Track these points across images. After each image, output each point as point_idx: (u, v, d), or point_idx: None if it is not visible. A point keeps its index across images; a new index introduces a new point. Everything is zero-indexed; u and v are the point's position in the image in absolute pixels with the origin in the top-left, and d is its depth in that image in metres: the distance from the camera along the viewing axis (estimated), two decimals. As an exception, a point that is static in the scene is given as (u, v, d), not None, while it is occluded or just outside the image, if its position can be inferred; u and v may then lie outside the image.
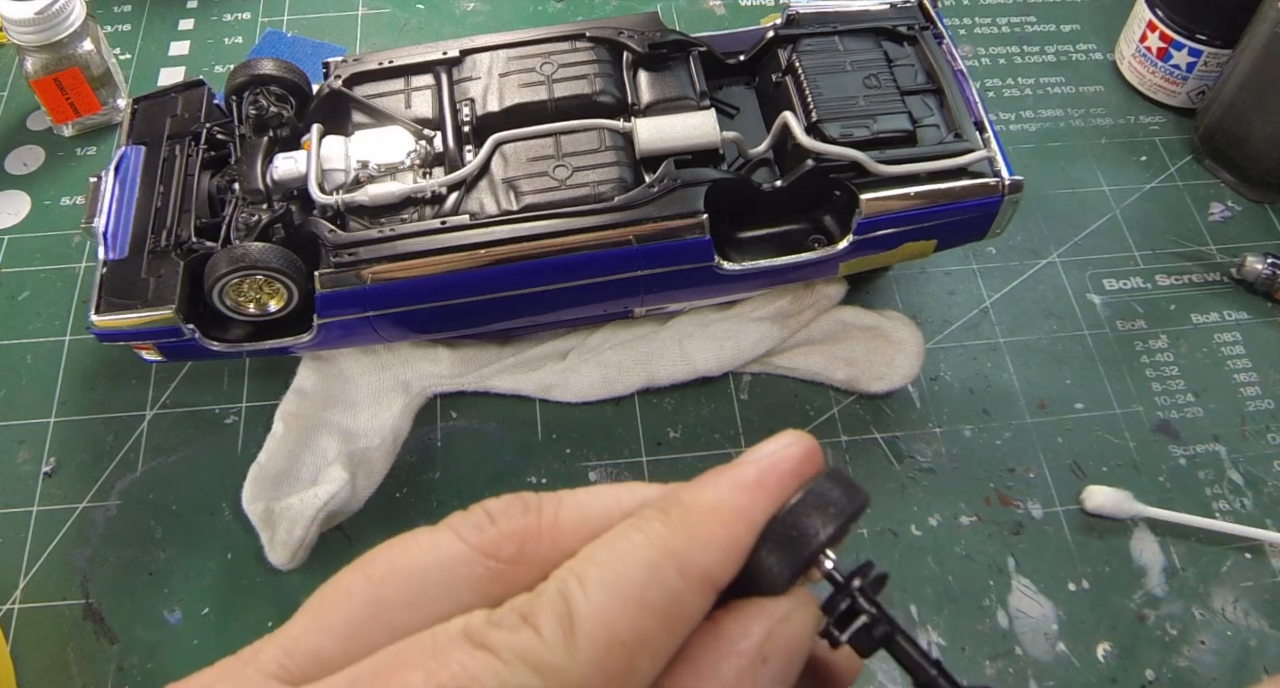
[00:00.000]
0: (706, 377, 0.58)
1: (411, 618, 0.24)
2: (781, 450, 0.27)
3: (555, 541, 0.25)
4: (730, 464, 0.26)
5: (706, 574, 0.24)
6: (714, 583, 0.24)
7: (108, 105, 0.70)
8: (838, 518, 0.26)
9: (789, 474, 0.26)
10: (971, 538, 0.55)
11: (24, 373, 0.60)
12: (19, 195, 0.68)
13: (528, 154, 0.53)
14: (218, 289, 0.51)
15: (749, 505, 0.25)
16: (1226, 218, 0.68)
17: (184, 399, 0.59)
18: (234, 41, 0.76)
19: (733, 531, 0.25)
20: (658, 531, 0.24)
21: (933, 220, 0.54)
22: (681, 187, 0.52)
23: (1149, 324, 0.63)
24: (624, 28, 0.58)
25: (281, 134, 0.55)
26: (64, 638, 0.52)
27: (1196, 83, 0.70)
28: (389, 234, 0.51)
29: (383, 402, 0.57)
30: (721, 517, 0.25)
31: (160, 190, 0.55)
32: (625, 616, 0.23)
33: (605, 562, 0.24)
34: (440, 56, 0.57)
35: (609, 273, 0.52)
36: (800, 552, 0.25)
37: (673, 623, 0.23)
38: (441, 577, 0.24)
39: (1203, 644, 0.52)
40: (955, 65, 0.57)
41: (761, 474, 0.26)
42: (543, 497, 0.26)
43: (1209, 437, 0.59)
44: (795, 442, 0.27)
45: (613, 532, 0.25)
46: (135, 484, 0.56)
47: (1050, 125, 0.72)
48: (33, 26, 0.63)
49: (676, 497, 0.25)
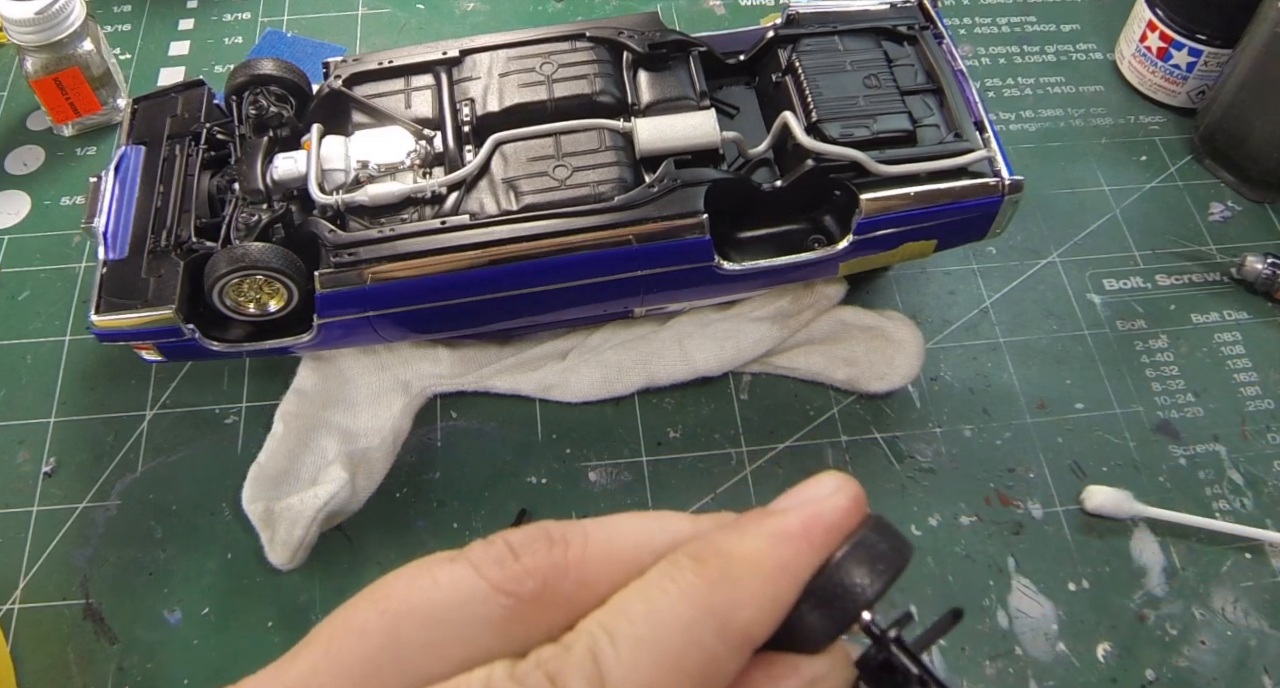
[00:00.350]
0: (706, 377, 0.58)
1: (428, 661, 0.23)
2: (829, 499, 0.25)
3: (581, 577, 0.23)
4: (771, 510, 0.25)
5: (746, 633, 0.23)
6: (753, 642, 0.23)
7: (108, 105, 0.70)
8: (885, 574, 0.24)
9: (836, 527, 0.24)
10: (971, 538, 0.55)
11: (24, 373, 0.60)
12: (19, 195, 0.68)
13: (528, 154, 0.53)
14: (218, 289, 0.51)
15: (794, 560, 0.24)
16: (1226, 218, 0.68)
17: (184, 399, 0.59)
18: (234, 41, 0.76)
19: (776, 587, 0.23)
20: (695, 583, 0.23)
21: (933, 220, 0.54)
22: (681, 187, 0.52)
23: (1149, 324, 0.63)
24: (624, 28, 0.58)
25: (281, 134, 0.55)
26: (64, 638, 0.52)
27: (1196, 83, 0.70)
28: (389, 234, 0.51)
29: (383, 402, 0.57)
30: (764, 571, 0.23)
31: (160, 190, 0.55)
32: (660, 678, 0.21)
33: (639, 618, 0.22)
34: (440, 56, 0.57)
35: (609, 273, 0.52)
36: (845, 611, 0.24)
37: (709, 684, 0.22)
38: (460, 616, 0.23)
39: (1203, 644, 0.52)
40: (955, 65, 0.57)
41: (807, 525, 0.24)
42: (568, 529, 0.24)
43: (1209, 437, 0.59)
44: (841, 488, 0.25)
45: (645, 580, 0.23)
46: (135, 484, 0.56)
47: (1050, 125, 0.72)
48: (33, 26, 0.63)
49: (715, 545, 0.24)
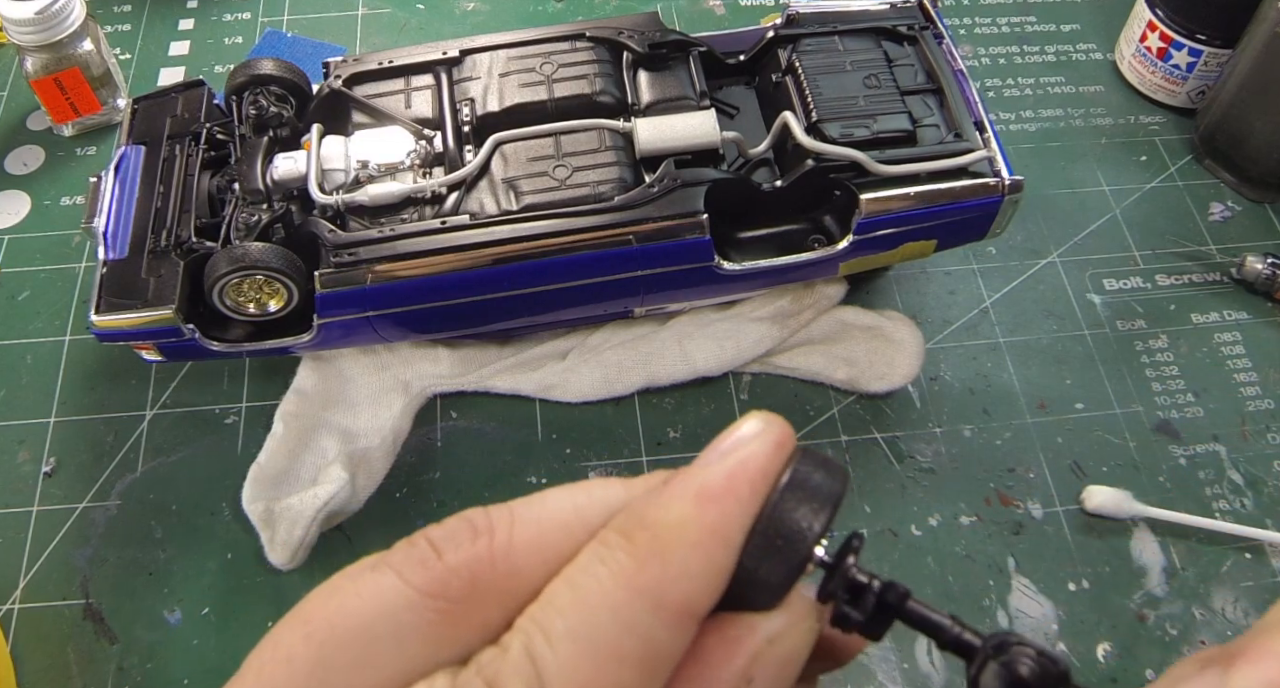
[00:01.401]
0: (706, 377, 0.58)
1: (361, 679, 0.22)
2: (750, 445, 0.23)
3: (510, 566, 0.22)
4: (695, 466, 0.23)
5: (685, 607, 0.21)
6: (695, 615, 0.22)
7: (108, 105, 0.70)
8: (826, 508, 0.23)
9: (761, 473, 0.23)
10: (971, 538, 0.55)
11: (24, 373, 0.60)
12: (19, 195, 0.68)
13: (528, 154, 0.53)
14: (218, 289, 0.51)
15: (722, 520, 0.22)
16: (1226, 218, 0.68)
17: (184, 399, 0.59)
18: (234, 41, 0.76)
19: (708, 553, 0.22)
20: (623, 563, 0.21)
21: (933, 220, 0.54)
22: (681, 186, 0.52)
23: (1149, 324, 0.63)
24: (624, 28, 0.58)
25: (281, 134, 0.55)
26: (64, 638, 0.52)
27: (1196, 83, 0.70)
28: (389, 234, 0.51)
29: (383, 402, 0.57)
30: (692, 538, 0.22)
31: (160, 190, 0.55)
32: (600, 671, 0.20)
33: (570, 609, 0.21)
34: (440, 56, 0.57)
35: (609, 273, 0.52)
36: (794, 556, 0.23)
37: (653, 667, 0.21)
38: (388, 629, 0.22)
39: (1203, 644, 0.52)
40: (955, 65, 0.57)
41: (731, 478, 0.23)
42: (492, 514, 0.23)
43: (1209, 437, 0.59)
44: (763, 430, 0.23)
45: (575, 565, 0.22)
46: (135, 484, 0.56)
47: (1050, 125, 0.72)
48: (33, 26, 0.63)
49: (640, 516, 0.22)
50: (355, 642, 0.22)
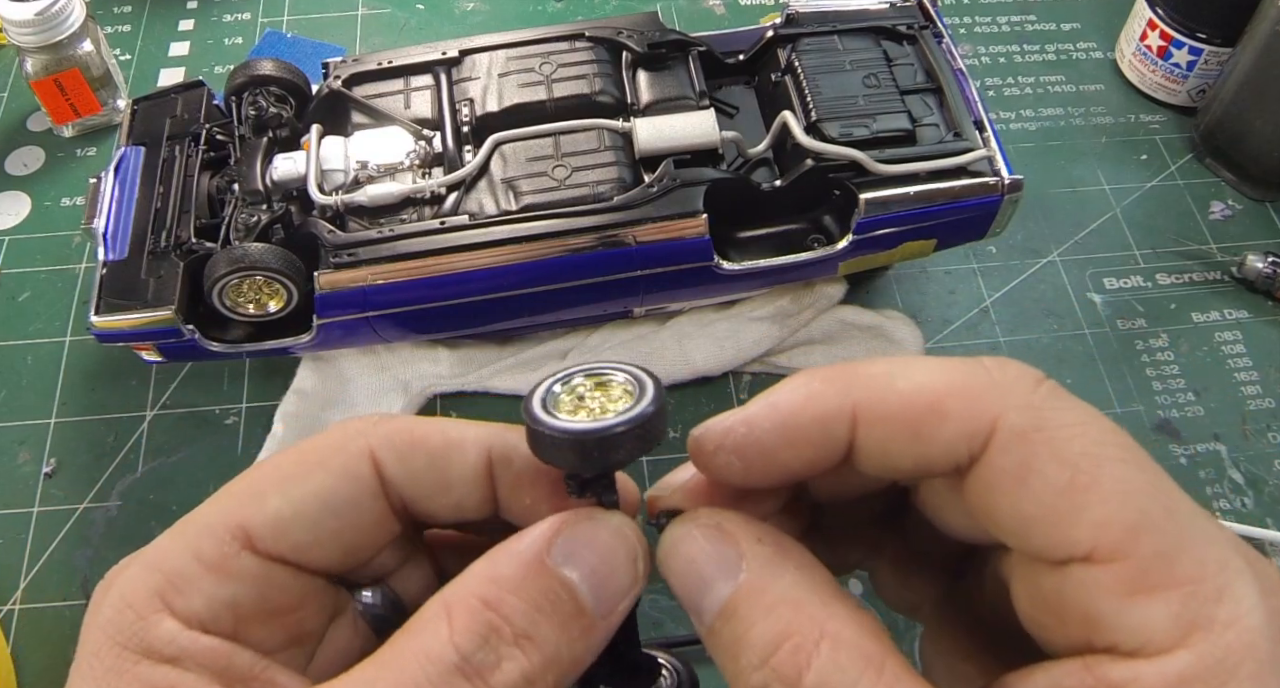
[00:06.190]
0: (706, 377, 0.58)
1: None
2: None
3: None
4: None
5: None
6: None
7: (108, 106, 0.70)
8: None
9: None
10: (972, 537, 0.55)
11: (24, 374, 0.60)
12: (19, 196, 0.68)
13: (527, 154, 0.53)
14: (217, 290, 0.51)
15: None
16: (1227, 216, 0.67)
17: (184, 400, 0.59)
18: (234, 42, 0.76)
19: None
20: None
21: (932, 220, 0.54)
22: (681, 186, 0.52)
23: (1149, 323, 0.63)
24: (623, 27, 0.58)
25: (281, 134, 0.55)
26: (65, 639, 0.52)
27: (1197, 81, 0.70)
28: (388, 235, 0.51)
29: (383, 402, 0.57)
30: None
31: (160, 191, 0.55)
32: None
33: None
34: (440, 57, 0.57)
35: (608, 273, 0.52)
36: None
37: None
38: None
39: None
40: (955, 64, 0.57)
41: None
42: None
43: (1209, 436, 0.59)
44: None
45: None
46: (136, 485, 0.56)
47: (1050, 124, 0.72)
48: (33, 27, 0.63)
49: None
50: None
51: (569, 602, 0.24)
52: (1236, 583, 0.21)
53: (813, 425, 0.24)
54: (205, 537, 0.25)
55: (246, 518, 0.25)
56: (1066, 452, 0.22)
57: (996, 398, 0.23)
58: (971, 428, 0.23)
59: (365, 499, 0.27)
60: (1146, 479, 0.22)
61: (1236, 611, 0.21)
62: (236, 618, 0.25)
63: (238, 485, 0.27)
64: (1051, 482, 0.22)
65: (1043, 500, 0.22)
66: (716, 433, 0.25)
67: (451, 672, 0.22)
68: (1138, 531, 0.21)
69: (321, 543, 0.26)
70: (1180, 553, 0.21)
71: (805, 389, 0.25)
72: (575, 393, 0.26)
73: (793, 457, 0.25)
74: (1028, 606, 0.24)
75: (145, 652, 0.24)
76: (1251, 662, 0.20)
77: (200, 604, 0.24)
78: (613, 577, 0.24)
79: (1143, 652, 0.21)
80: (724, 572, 0.24)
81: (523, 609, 0.23)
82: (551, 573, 0.24)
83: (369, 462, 0.27)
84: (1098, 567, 0.22)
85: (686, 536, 0.25)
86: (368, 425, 0.27)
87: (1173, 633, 0.21)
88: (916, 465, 0.24)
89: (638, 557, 0.25)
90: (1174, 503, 0.22)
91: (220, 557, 0.25)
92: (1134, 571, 0.21)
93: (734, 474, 0.25)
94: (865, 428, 0.24)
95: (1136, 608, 0.21)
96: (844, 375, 0.25)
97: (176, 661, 0.24)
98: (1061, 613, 0.23)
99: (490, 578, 0.24)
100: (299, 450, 0.27)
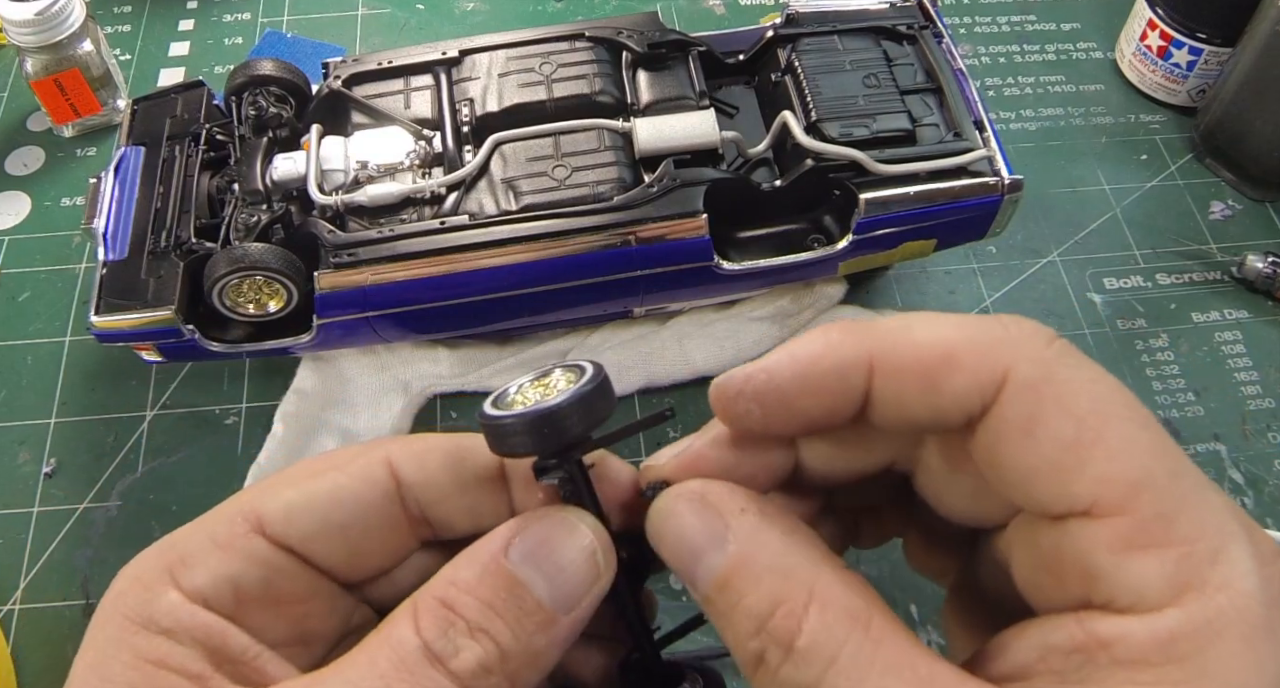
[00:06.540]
0: (706, 377, 0.58)
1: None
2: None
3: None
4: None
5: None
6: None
7: (108, 106, 0.70)
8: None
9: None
10: (972, 537, 0.55)
11: (24, 374, 0.60)
12: (19, 196, 0.68)
13: (527, 154, 0.53)
14: (217, 290, 0.51)
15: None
16: (1227, 216, 0.67)
17: (184, 400, 0.59)
18: (234, 42, 0.76)
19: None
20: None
21: (932, 220, 0.54)
22: (681, 186, 0.52)
23: (1149, 323, 0.63)
24: (623, 27, 0.58)
25: (281, 134, 0.55)
26: (64, 639, 0.52)
27: (1197, 81, 0.70)
28: (388, 235, 0.51)
29: (383, 402, 0.57)
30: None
31: (160, 191, 0.55)
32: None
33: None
34: (440, 57, 0.57)
35: (608, 273, 0.52)
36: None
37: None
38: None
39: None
40: (955, 64, 0.57)
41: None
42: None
43: (1210, 436, 0.59)
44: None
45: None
46: (135, 485, 0.56)
47: (1050, 124, 0.72)
48: (33, 27, 0.63)
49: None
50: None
51: (526, 598, 0.25)
52: (1233, 547, 0.21)
53: (831, 374, 0.25)
54: (221, 521, 0.27)
55: (261, 505, 0.27)
56: (1074, 406, 0.23)
57: (1009, 351, 0.23)
58: (983, 379, 0.23)
59: (378, 500, 0.27)
60: (1151, 439, 0.22)
61: (1230, 574, 0.21)
62: (237, 597, 0.26)
63: (261, 482, 0.28)
64: (1057, 435, 0.22)
65: (1048, 453, 0.23)
66: (738, 380, 0.26)
67: (417, 657, 0.24)
68: (1139, 488, 0.22)
69: (329, 536, 0.27)
70: (1180, 514, 0.21)
71: (824, 339, 0.25)
72: (523, 392, 0.27)
73: (811, 404, 0.25)
74: (1028, 571, 0.24)
75: (144, 623, 0.25)
76: (1243, 624, 0.21)
77: (203, 579, 0.26)
78: (569, 573, 0.25)
79: (1135, 609, 0.21)
80: (713, 543, 0.25)
81: (477, 606, 0.24)
82: (507, 573, 0.25)
83: (385, 466, 0.28)
84: (1097, 521, 0.22)
85: (673, 508, 0.26)
86: (388, 438, 0.29)
87: (1165, 592, 0.21)
88: (931, 415, 0.24)
89: (595, 551, 0.26)
90: (1177, 465, 0.22)
91: (230, 536, 0.26)
92: (1133, 527, 0.21)
93: (754, 421, 0.26)
94: (881, 377, 0.25)
95: (1133, 564, 0.21)
96: (862, 327, 0.25)
97: (171, 633, 0.25)
98: (1059, 570, 0.23)
99: (450, 580, 0.25)
100: (322, 456, 0.29)
